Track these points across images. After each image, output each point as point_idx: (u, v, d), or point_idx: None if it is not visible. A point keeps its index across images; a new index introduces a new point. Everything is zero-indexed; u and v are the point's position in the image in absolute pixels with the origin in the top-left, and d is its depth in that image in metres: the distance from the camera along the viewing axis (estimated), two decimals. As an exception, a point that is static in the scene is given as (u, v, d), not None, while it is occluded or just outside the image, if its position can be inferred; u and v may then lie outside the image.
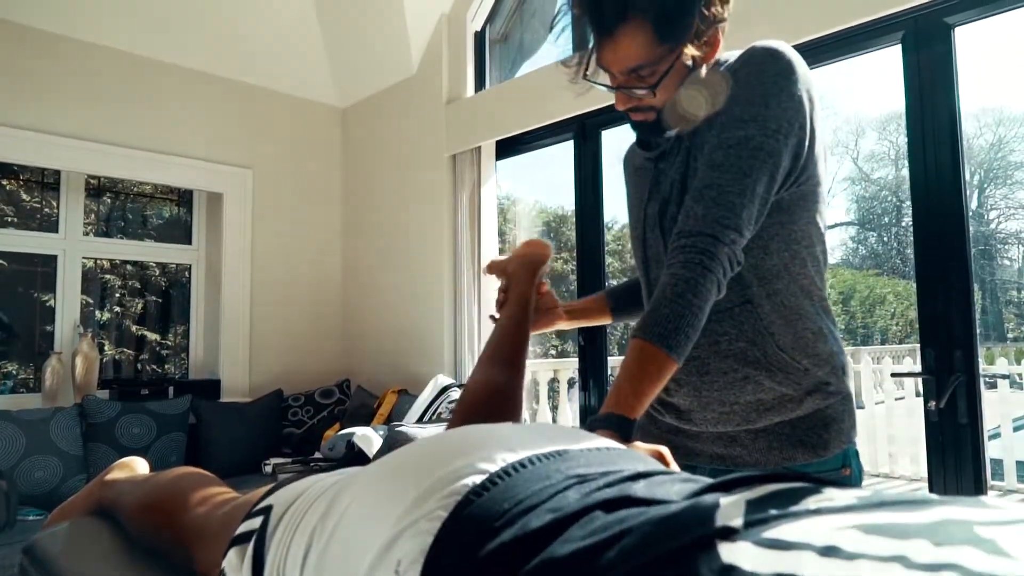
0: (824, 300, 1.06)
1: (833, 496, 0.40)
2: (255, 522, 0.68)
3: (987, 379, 5.13)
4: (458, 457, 0.55)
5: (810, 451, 1.02)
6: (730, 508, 0.38)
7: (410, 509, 0.52)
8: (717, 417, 1.05)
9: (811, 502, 0.39)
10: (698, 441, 1.09)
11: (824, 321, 1.05)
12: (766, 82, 0.96)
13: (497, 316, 1.28)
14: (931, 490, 2.03)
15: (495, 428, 0.64)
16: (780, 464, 1.03)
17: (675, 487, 0.47)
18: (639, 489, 0.46)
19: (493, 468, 0.53)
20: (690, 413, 1.08)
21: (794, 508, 0.38)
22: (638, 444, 0.79)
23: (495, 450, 0.55)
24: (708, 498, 0.40)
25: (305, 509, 0.63)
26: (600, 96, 2.75)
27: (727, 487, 0.44)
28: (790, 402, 1.02)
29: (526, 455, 0.55)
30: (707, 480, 0.50)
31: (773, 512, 0.37)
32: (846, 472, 1.05)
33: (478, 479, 0.52)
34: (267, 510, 0.68)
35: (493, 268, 1.39)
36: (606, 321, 1.39)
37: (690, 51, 0.97)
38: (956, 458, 1.96)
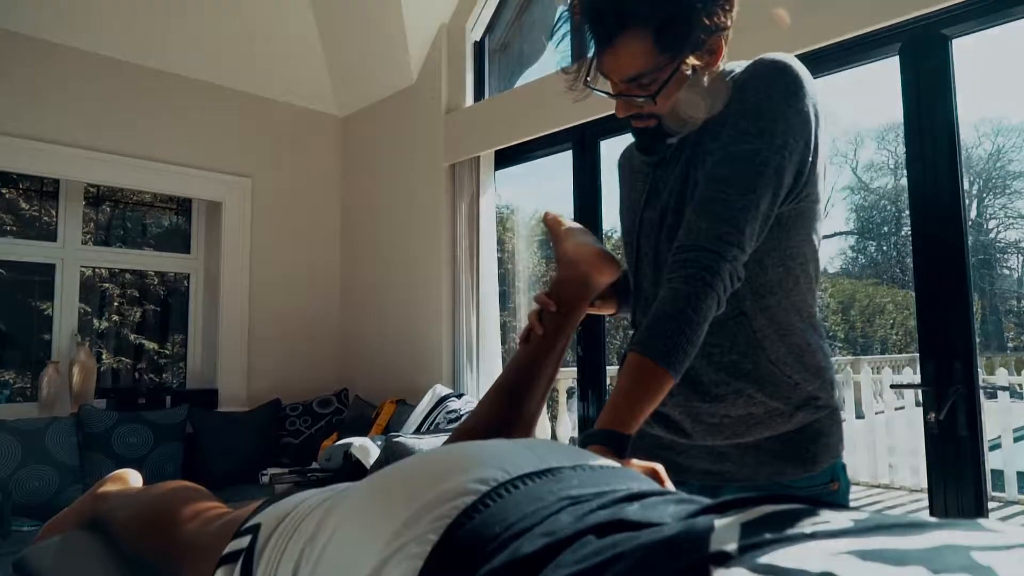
0: (813, 317, 1.06)
1: (829, 519, 0.39)
2: (243, 541, 0.67)
3: (987, 390, 5.12)
4: (449, 477, 0.54)
5: (799, 466, 1.02)
6: (725, 532, 0.38)
7: (400, 531, 0.51)
8: (707, 429, 1.04)
9: (807, 525, 0.38)
10: (687, 457, 1.08)
11: (813, 337, 1.05)
12: (774, 96, 0.96)
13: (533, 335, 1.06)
14: (931, 501, 2.02)
15: (487, 445, 0.63)
16: (770, 479, 1.02)
17: (669, 508, 0.46)
18: (632, 512, 0.45)
19: (485, 488, 0.52)
20: (680, 425, 1.07)
21: (790, 531, 0.37)
22: (633, 461, 0.78)
23: (487, 469, 0.54)
24: (702, 521, 0.40)
25: (293, 529, 0.62)
26: (599, 106, 2.75)
27: (722, 508, 0.43)
28: (780, 416, 1.02)
29: (518, 474, 0.54)
30: (702, 500, 0.49)
31: (768, 536, 0.36)
32: (834, 486, 1.05)
33: (469, 500, 0.51)
34: (255, 529, 0.67)
35: (551, 222, 1.21)
36: (612, 311, 1.29)
37: (691, 60, 0.96)
38: (956, 470, 1.95)
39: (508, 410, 0.98)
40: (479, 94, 3.64)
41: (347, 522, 0.57)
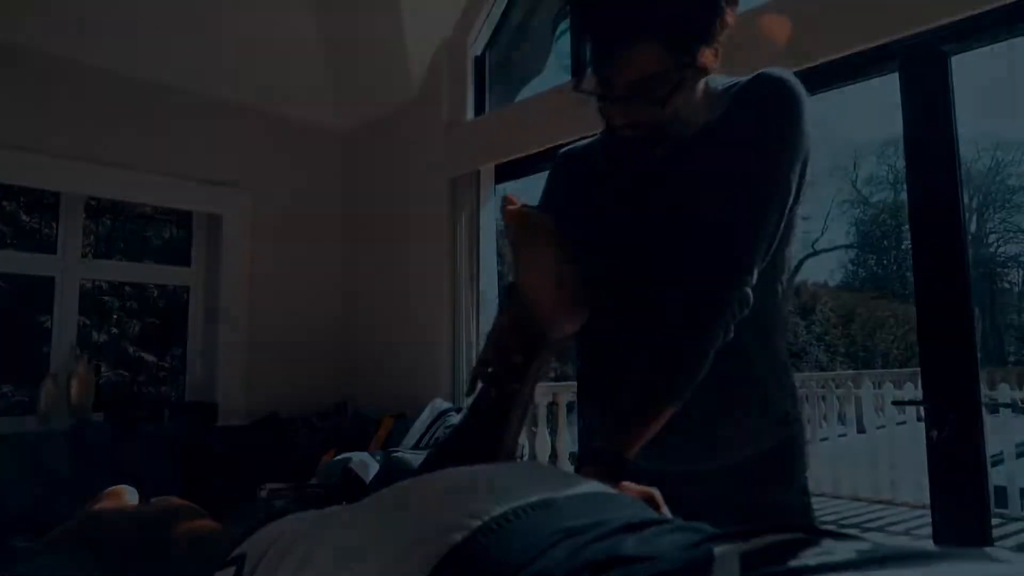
0: (786, 334, 1.08)
1: (831, 549, 0.38)
2: (228, 573, 0.66)
3: (989, 405, 5.10)
4: (439, 508, 0.53)
5: (781, 483, 1.03)
6: (724, 564, 0.37)
7: (387, 569, 0.49)
8: (690, 454, 1.03)
9: (809, 556, 0.37)
10: (665, 484, 1.05)
11: (785, 354, 1.07)
12: (782, 115, 0.95)
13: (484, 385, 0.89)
14: (934, 519, 2.01)
15: (477, 473, 0.62)
16: (754, 498, 1.02)
17: (667, 538, 0.45)
18: (629, 546, 0.44)
19: (476, 523, 0.50)
20: (662, 451, 1.01)
21: (792, 563, 0.36)
22: (629, 485, 0.77)
23: (478, 502, 0.53)
24: (701, 553, 0.39)
25: (279, 560, 0.61)
26: (597, 120, 2.75)
27: (721, 537, 0.42)
28: (761, 434, 1.02)
29: (511, 507, 0.52)
30: (701, 527, 0.48)
31: (769, 569, 0.36)
32: (805, 497, 1.07)
33: (459, 537, 0.49)
34: (240, 559, 0.66)
35: (512, 217, 0.90)
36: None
37: (707, 59, 0.92)
38: (959, 486, 1.93)
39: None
40: (480, 108, 3.64)
41: (330, 561, 0.55)
